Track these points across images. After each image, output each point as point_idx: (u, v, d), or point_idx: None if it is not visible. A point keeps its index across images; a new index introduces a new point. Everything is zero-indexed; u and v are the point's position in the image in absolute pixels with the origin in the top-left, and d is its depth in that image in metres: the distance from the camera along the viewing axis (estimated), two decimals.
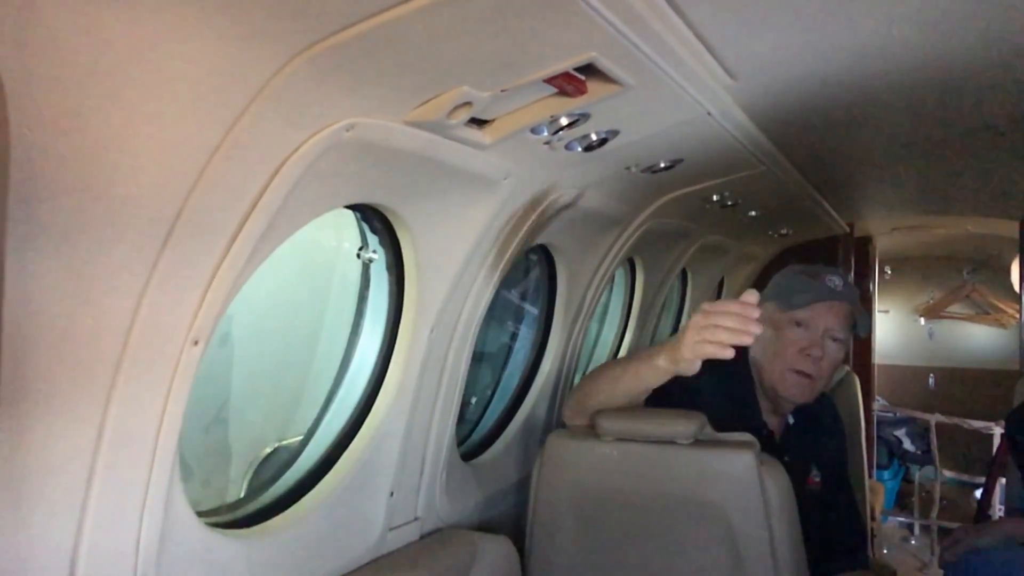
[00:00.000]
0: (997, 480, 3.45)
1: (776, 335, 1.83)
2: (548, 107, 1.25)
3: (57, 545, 0.96)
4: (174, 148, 0.90)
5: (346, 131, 1.07)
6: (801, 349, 1.80)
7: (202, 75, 0.86)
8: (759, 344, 1.86)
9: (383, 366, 1.58)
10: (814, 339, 1.80)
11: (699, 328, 1.37)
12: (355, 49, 0.93)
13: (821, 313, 1.80)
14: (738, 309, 1.35)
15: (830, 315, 1.80)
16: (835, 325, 1.80)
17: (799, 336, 1.81)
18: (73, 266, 0.87)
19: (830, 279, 1.83)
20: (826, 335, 1.81)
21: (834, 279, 1.83)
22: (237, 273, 1.06)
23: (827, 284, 1.82)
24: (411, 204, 1.43)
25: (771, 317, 1.84)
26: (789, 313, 1.82)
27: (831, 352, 1.81)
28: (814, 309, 1.81)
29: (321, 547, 1.43)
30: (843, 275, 1.88)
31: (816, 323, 1.80)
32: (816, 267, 1.89)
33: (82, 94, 0.79)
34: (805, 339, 1.80)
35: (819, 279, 1.83)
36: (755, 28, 1.20)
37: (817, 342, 1.79)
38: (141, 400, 1.01)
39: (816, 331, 1.80)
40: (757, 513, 1.54)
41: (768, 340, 1.83)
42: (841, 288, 1.82)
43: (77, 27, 0.73)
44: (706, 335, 1.36)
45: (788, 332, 1.82)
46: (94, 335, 0.93)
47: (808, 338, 1.80)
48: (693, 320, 1.40)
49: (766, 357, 1.85)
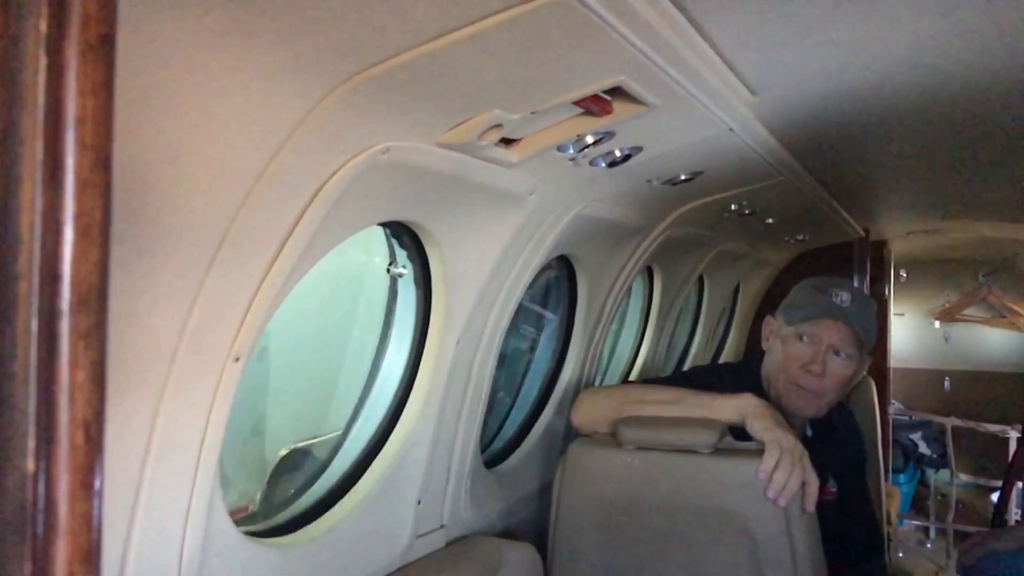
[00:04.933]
0: (1014, 484, 3.45)
1: (783, 349, 1.83)
2: (575, 127, 1.28)
3: (106, 555, 1.00)
4: (221, 175, 0.93)
5: (382, 154, 1.10)
6: (802, 365, 1.79)
7: (250, 106, 0.90)
8: (769, 357, 1.89)
9: (410, 377, 1.61)
10: (816, 355, 1.78)
11: (789, 455, 1.54)
12: (393, 78, 0.96)
13: (824, 329, 1.79)
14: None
15: (833, 331, 1.78)
16: (838, 341, 1.78)
17: (801, 351, 1.80)
18: (126, 289, 0.91)
19: (838, 294, 1.80)
20: (829, 351, 1.79)
21: (842, 294, 1.80)
22: (277, 291, 1.09)
23: (833, 300, 1.79)
24: (440, 220, 1.46)
25: (780, 331, 1.86)
26: (794, 327, 1.82)
27: (835, 368, 1.79)
28: (817, 324, 1.79)
29: (352, 554, 1.47)
30: (855, 289, 1.85)
31: (819, 338, 1.79)
32: (829, 280, 1.87)
33: (136, 124, 0.82)
34: (807, 354, 1.79)
35: (827, 293, 1.81)
36: (775, 46, 1.22)
37: (819, 358, 1.78)
38: (186, 415, 1.04)
39: (819, 346, 1.79)
40: (778, 523, 1.56)
41: (776, 354, 1.85)
42: (848, 304, 1.78)
43: (140, 62, 0.76)
44: (787, 466, 1.53)
45: (791, 347, 1.82)
46: (143, 354, 0.97)
47: (810, 353, 1.79)
48: (787, 440, 1.57)
49: (773, 371, 1.86)
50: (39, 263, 0.31)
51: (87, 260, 0.32)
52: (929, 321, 6.33)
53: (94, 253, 0.32)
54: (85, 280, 0.32)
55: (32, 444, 0.30)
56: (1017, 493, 3.61)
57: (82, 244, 0.32)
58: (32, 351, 0.30)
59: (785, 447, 1.54)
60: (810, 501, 1.55)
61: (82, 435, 0.31)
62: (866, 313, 1.82)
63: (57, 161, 0.31)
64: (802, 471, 1.54)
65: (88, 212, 0.32)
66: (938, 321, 6.29)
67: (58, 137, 0.31)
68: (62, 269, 0.31)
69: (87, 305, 0.32)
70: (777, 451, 1.54)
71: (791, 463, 1.53)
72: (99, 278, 0.32)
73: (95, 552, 0.32)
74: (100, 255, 0.32)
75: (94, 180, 0.32)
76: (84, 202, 0.32)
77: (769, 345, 1.91)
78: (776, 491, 1.52)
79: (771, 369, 1.87)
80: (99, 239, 0.32)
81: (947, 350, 6.26)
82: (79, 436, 0.31)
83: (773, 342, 1.88)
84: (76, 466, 0.31)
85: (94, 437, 0.32)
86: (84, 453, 0.32)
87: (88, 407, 0.32)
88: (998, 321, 6.05)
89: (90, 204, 0.32)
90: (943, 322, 6.28)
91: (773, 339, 1.89)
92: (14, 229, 0.31)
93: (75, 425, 0.31)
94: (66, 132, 0.32)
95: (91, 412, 0.32)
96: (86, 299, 0.32)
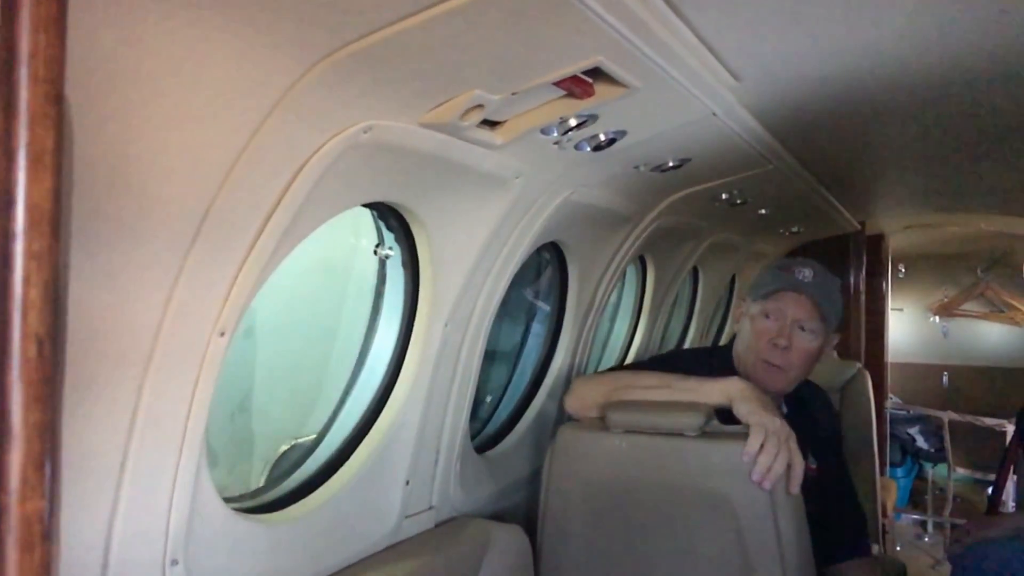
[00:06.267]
0: (1008, 475, 3.47)
1: (751, 327, 1.89)
2: (557, 109, 1.30)
3: (92, 527, 1.02)
4: (203, 150, 0.95)
5: (364, 133, 1.12)
6: (769, 339, 1.84)
7: (230, 82, 0.92)
8: (739, 338, 1.93)
9: (399, 359, 1.63)
10: (782, 329, 1.84)
11: (775, 437, 1.56)
12: (373, 55, 0.98)
13: (788, 303, 1.84)
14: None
15: (796, 305, 1.84)
16: (803, 315, 1.83)
17: (767, 327, 1.86)
18: (109, 262, 0.93)
19: (800, 270, 1.85)
20: (794, 325, 1.84)
21: (804, 270, 1.85)
22: (261, 268, 1.11)
23: (796, 276, 1.85)
24: (426, 202, 1.48)
25: (747, 311, 1.92)
26: (760, 304, 1.88)
27: (800, 342, 1.84)
28: (780, 299, 1.85)
29: (341, 532, 1.49)
30: (817, 266, 1.89)
31: (782, 313, 1.84)
32: (793, 260, 1.93)
33: (120, 100, 0.84)
34: (773, 329, 1.85)
35: (789, 270, 1.87)
36: (757, 31, 1.24)
37: (785, 332, 1.83)
38: (171, 389, 1.06)
39: (783, 321, 1.84)
40: (763, 504, 1.58)
41: (745, 333, 1.90)
42: (810, 279, 1.84)
43: (118, 37, 0.78)
44: (772, 448, 1.55)
45: (758, 323, 1.87)
46: (128, 327, 0.98)
47: (776, 328, 1.84)
48: (773, 423, 1.58)
49: (743, 349, 1.91)
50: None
51: (40, 186, 0.34)
52: (927, 316, 6.34)
53: (46, 180, 0.34)
54: (38, 205, 0.34)
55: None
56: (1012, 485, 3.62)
57: (34, 171, 0.34)
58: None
59: (771, 430, 1.57)
60: (795, 483, 1.57)
61: (35, 349, 0.33)
62: (828, 287, 1.88)
63: (11, 93, 0.34)
64: (788, 453, 1.56)
65: (40, 141, 0.34)
66: (936, 316, 6.30)
67: (11, 71, 0.33)
68: (16, 194, 0.33)
69: (39, 228, 0.34)
70: (762, 434, 1.56)
71: (776, 446, 1.55)
72: (51, 203, 0.34)
73: (48, 458, 0.34)
74: (52, 182, 0.34)
75: (46, 111, 0.34)
76: (36, 132, 0.34)
77: (738, 327, 1.96)
78: (760, 474, 1.54)
79: (741, 348, 1.92)
80: (51, 167, 0.34)
81: (945, 345, 6.27)
82: (31, 349, 0.33)
83: (743, 322, 1.93)
84: (28, 378, 0.33)
85: (46, 353, 0.34)
86: (36, 367, 0.34)
87: (40, 324, 0.34)
88: (996, 316, 6.07)
89: (42, 134, 0.34)
90: (941, 317, 6.29)
91: (742, 319, 1.94)
92: None
93: (28, 339, 0.33)
94: (19, 66, 0.34)
95: (43, 329, 0.34)
96: (38, 223, 0.34)
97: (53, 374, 0.35)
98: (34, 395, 0.34)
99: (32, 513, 0.34)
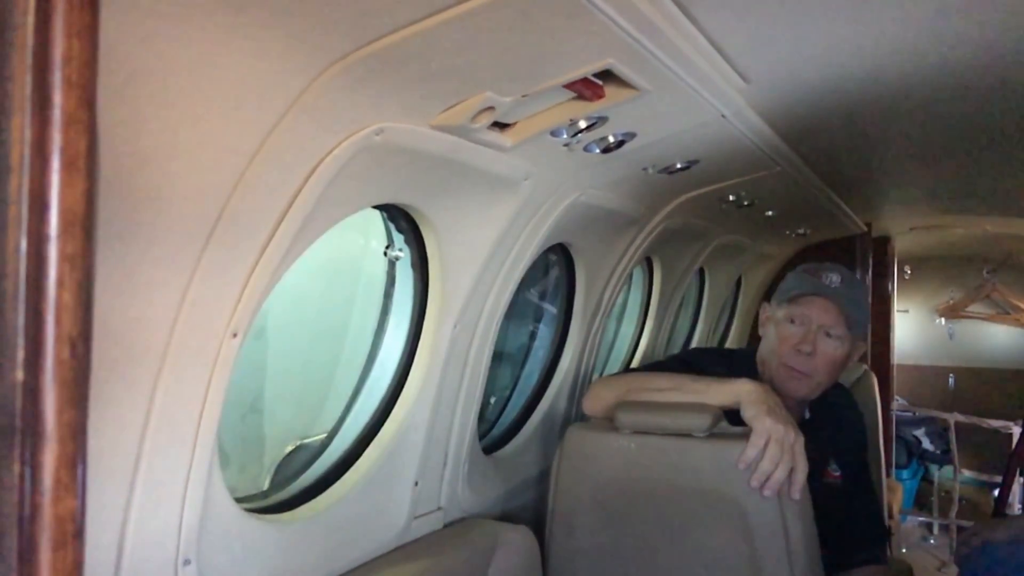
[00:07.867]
0: (1015, 477, 3.46)
1: (776, 332, 1.86)
2: (567, 111, 1.30)
3: (106, 526, 1.02)
4: (217, 152, 0.96)
5: (376, 135, 1.12)
6: (793, 345, 1.81)
7: (244, 85, 0.92)
8: (764, 342, 1.91)
9: (408, 360, 1.64)
10: (807, 335, 1.80)
11: (777, 443, 1.54)
12: (386, 58, 0.99)
13: (813, 308, 1.81)
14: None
15: (822, 310, 1.80)
16: (828, 321, 1.80)
17: (792, 332, 1.82)
18: (124, 263, 0.93)
19: (827, 276, 1.82)
20: (820, 331, 1.81)
21: (832, 276, 1.82)
22: (274, 269, 1.12)
23: (822, 280, 1.82)
24: (436, 204, 1.48)
25: (772, 315, 1.89)
26: (785, 309, 1.85)
27: (825, 349, 1.81)
28: (806, 305, 1.82)
29: (350, 532, 1.49)
30: (846, 272, 1.86)
31: (808, 318, 1.81)
32: (822, 265, 1.89)
33: (136, 102, 0.85)
34: (797, 335, 1.81)
35: (816, 275, 1.84)
36: (766, 34, 1.24)
37: (809, 338, 1.80)
38: (184, 389, 1.07)
39: (809, 327, 1.81)
40: (771, 506, 1.58)
41: (770, 338, 1.88)
42: (837, 285, 1.81)
43: (135, 40, 0.79)
44: (773, 454, 1.54)
45: (783, 329, 1.84)
46: (142, 328, 0.99)
47: (800, 334, 1.81)
48: (776, 428, 1.56)
49: (767, 354, 1.89)
50: (28, 190, 0.33)
51: (73, 190, 0.35)
52: (933, 318, 6.32)
53: (80, 183, 0.35)
54: (71, 209, 0.35)
55: (21, 356, 0.33)
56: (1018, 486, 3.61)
57: (68, 174, 0.34)
58: (21, 271, 0.33)
59: (774, 436, 1.54)
60: (796, 488, 1.55)
61: (68, 351, 0.34)
62: (855, 294, 1.85)
63: (45, 97, 0.34)
64: (791, 459, 1.54)
65: (74, 145, 0.34)
66: (942, 318, 6.29)
67: (46, 75, 0.34)
68: (50, 197, 0.34)
69: (72, 231, 0.34)
70: (761, 439, 1.55)
71: (778, 451, 1.53)
72: (85, 207, 0.35)
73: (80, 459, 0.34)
74: (86, 186, 0.35)
75: (79, 116, 0.35)
76: (70, 136, 0.34)
77: (764, 331, 1.94)
78: (760, 480, 1.53)
79: (765, 353, 1.89)
80: (84, 171, 0.35)
81: (951, 347, 6.25)
82: (64, 351, 0.34)
83: (767, 327, 1.92)
84: (62, 379, 0.34)
85: (79, 354, 0.35)
86: (69, 368, 0.34)
87: (73, 326, 0.34)
88: (1002, 318, 6.05)
89: (75, 138, 0.35)
90: (947, 319, 6.27)
91: (767, 324, 1.92)
92: (5, 159, 0.33)
93: (61, 341, 0.34)
94: (53, 71, 0.34)
95: (76, 330, 0.34)
96: (72, 226, 0.34)
97: (85, 375, 0.35)
98: (68, 396, 0.34)
99: (65, 513, 0.35)
